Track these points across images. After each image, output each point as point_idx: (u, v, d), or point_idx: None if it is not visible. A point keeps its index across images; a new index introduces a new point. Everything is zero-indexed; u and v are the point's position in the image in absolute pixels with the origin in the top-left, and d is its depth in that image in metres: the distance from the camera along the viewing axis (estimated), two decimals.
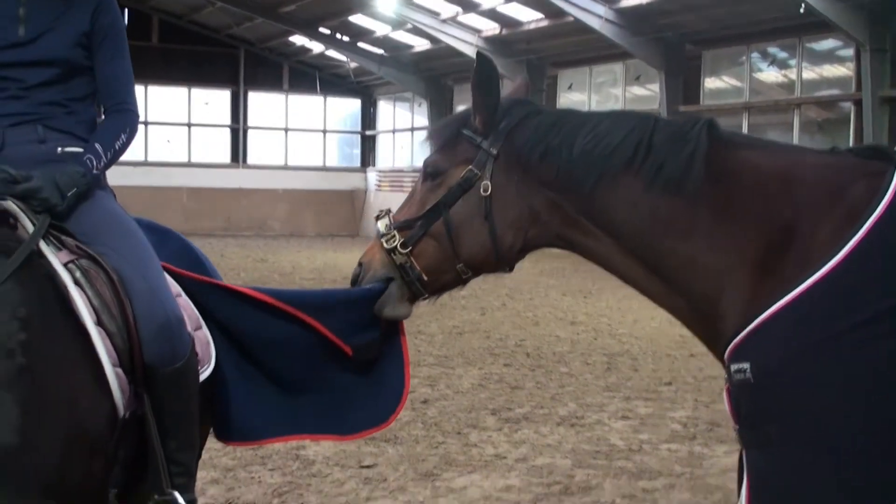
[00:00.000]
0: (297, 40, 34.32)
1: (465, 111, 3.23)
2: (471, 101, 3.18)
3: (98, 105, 3.55)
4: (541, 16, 25.56)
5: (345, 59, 34.08)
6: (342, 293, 3.48)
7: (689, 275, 2.89)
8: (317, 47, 34.40)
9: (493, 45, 27.54)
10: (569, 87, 27.92)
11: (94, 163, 3.31)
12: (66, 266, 3.00)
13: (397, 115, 37.47)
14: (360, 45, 32.74)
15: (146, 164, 32.43)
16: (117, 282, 3.08)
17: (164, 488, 3.15)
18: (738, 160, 2.89)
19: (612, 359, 10.99)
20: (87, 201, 3.27)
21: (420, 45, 31.00)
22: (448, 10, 27.15)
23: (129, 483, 3.12)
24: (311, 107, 37.35)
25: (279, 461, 6.74)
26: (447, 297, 3.41)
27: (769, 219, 2.80)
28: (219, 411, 3.51)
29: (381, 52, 32.83)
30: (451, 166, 3.17)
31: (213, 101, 35.87)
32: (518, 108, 3.17)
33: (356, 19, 30.49)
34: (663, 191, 2.88)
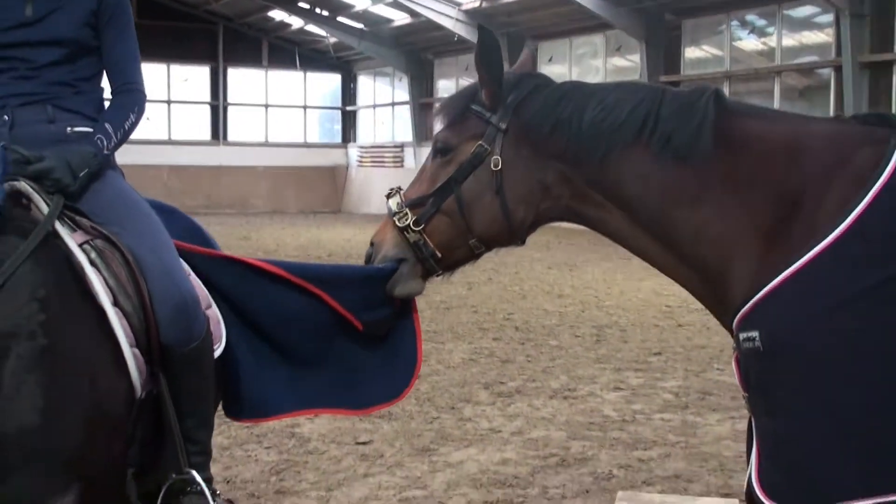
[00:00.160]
0: (277, 15, 34.10)
1: (473, 85, 3.21)
2: (476, 76, 3.16)
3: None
4: None
5: (324, 34, 33.91)
6: (355, 269, 3.47)
7: (698, 244, 2.90)
8: (296, 22, 34.19)
9: (474, 17, 27.43)
10: (549, 60, 27.84)
11: (105, 143, 3.29)
12: (81, 247, 3.00)
13: (378, 90, 37.33)
14: (340, 19, 32.57)
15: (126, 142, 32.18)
16: (132, 262, 3.07)
17: (181, 467, 3.15)
18: (745, 129, 2.89)
19: (601, 331, 11.03)
20: (98, 181, 3.26)
21: (400, 18, 30.85)
22: None
23: (146, 463, 3.12)
24: (291, 83, 37.17)
25: (275, 439, 6.75)
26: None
27: (777, 187, 2.82)
28: (230, 389, 3.51)
29: (360, 26, 32.66)
30: (461, 142, 3.16)
31: (193, 78, 35.66)
32: (526, 82, 3.16)
33: None
34: (672, 161, 2.88)
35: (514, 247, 3.27)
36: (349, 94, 38.46)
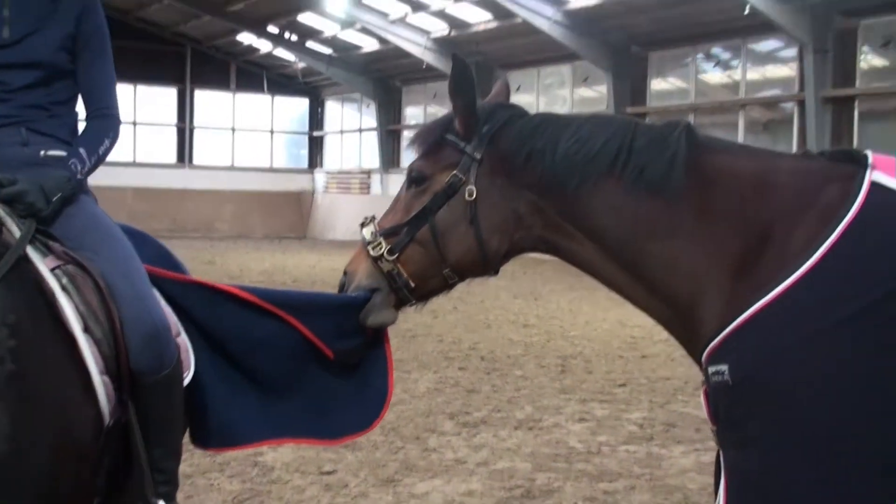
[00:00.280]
0: (245, 39, 34.09)
1: (447, 115, 3.21)
2: (450, 106, 3.17)
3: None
4: (490, 17, 25.66)
5: (293, 58, 33.93)
6: (327, 297, 3.45)
7: (669, 277, 2.91)
8: (265, 46, 34.20)
9: (442, 46, 27.60)
10: (517, 89, 27.97)
11: (79, 167, 3.26)
12: (53, 272, 2.96)
13: (345, 116, 37.38)
14: (309, 44, 32.62)
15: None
16: (104, 288, 3.04)
17: (148, 497, 3.11)
18: (716, 164, 2.92)
19: (566, 361, 11.04)
20: (71, 206, 3.22)
21: (369, 45, 30.95)
22: (397, 10, 27.15)
23: (112, 491, 3.07)
24: (259, 107, 37.15)
25: (238, 468, 6.67)
26: None
27: (747, 222, 2.84)
28: (197, 416, 3.46)
29: (329, 52, 32.73)
30: (436, 172, 3.16)
31: (159, 100, 35.54)
32: (501, 112, 3.17)
33: (305, 18, 30.39)
34: (645, 194, 2.90)
35: (488, 277, 3.27)
36: (316, 119, 38.47)
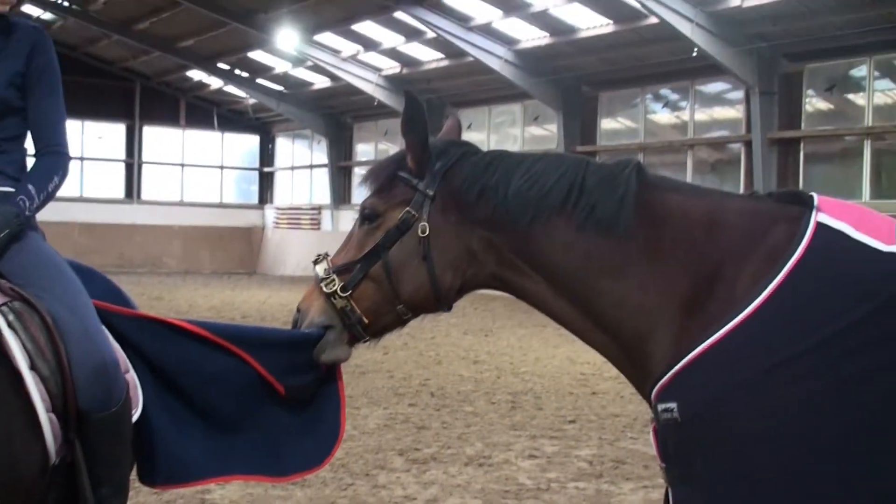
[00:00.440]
0: (195, 75, 33.99)
1: (400, 152, 3.22)
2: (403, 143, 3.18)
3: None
4: (441, 56, 25.85)
5: (243, 95, 33.87)
6: (279, 333, 3.43)
7: (619, 315, 2.93)
8: (215, 82, 34.11)
9: (394, 83, 27.72)
10: (468, 127, 28.14)
11: (27, 204, 3.23)
12: None
13: (296, 152, 37.34)
14: (260, 81, 32.60)
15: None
16: (51, 325, 3.00)
17: None
18: (666, 203, 2.95)
19: (516, 397, 11.04)
20: (19, 242, 3.19)
21: (320, 82, 30.99)
22: (349, 48, 27.25)
23: None
24: (209, 142, 36.99)
25: None
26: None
27: (695, 260, 2.87)
28: (145, 453, 3.40)
29: (280, 88, 32.73)
30: (389, 208, 3.16)
31: (108, 135, 35.26)
32: (453, 149, 3.18)
33: (255, 55, 30.37)
34: (595, 232, 2.92)
35: (441, 313, 3.27)
36: (267, 155, 38.38)
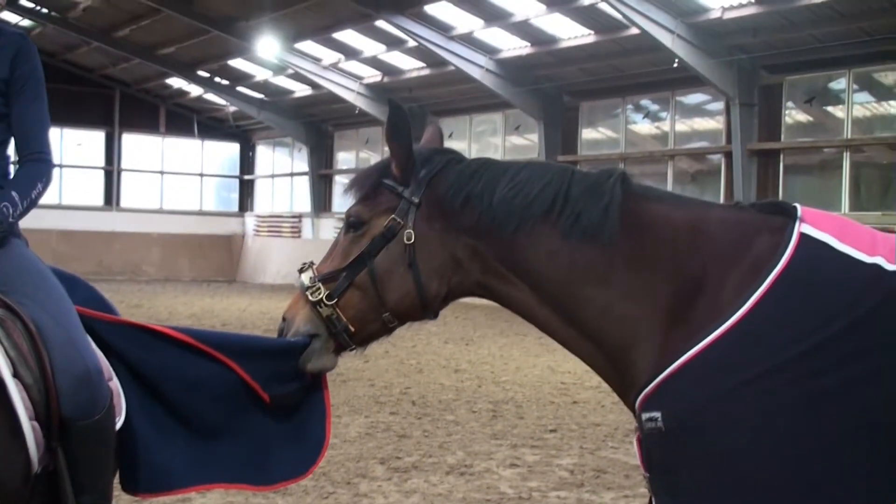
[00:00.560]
0: (175, 82, 33.88)
1: (385, 160, 3.23)
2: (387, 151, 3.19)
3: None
4: (422, 64, 25.87)
5: (224, 102, 33.79)
6: (265, 341, 3.42)
7: (603, 323, 2.94)
8: (195, 90, 34.01)
9: (375, 92, 27.73)
10: (449, 136, 28.17)
11: (10, 211, 3.22)
12: None
13: (276, 160, 37.27)
14: (240, 89, 32.53)
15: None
16: (35, 332, 2.98)
17: None
18: (650, 212, 2.97)
19: (497, 406, 11.04)
20: (2, 249, 3.19)
21: (301, 90, 30.96)
22: (330, 56, 27.24)
23: None
24: (189, 150, 36.87)
25: None
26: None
27: (679, 270, 2.89)
28: (127, 460, 3.38)
29: (261, 96, 32.67)
30: (374, 216, 3.17)
31: (87, 142, 35.08)
32: (438, 157, 3.19)
33: (236, 63, 30.30)
34: (580, 240, 2.94)
35: (427, 321, 3.28)
36: (247, 162, 38.29)
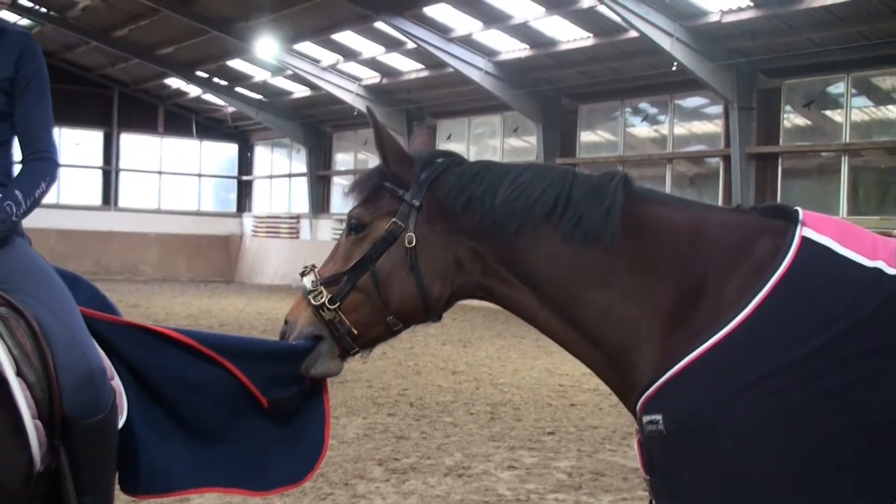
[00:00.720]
0: (174, 83, 33.88)
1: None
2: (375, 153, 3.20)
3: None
4: (421, 66, 25.87)
5: (222, 103, 33.78)
6: (266, 344, 3.42)
7: (604, 325, 2.95)
8: (193, 90, 34.00)
9: (374, 93, 27.73)
10: (448, 137, 28.22)
11: (14, 209, 3.22)
12: None
13: (275, 161, 37.27)
14: (238, 89, 32.52)
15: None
16: (38, 331, 2.98)
17: None
18: (651, 215, 2.97)
19: (495, 408, 11.04)
20: (5, 248, 3.18)
21: (299, 91, 30.96)
22: (328, 57, 27.24)
23: None
24: (187, 150, 36.86)
25: None
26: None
27: (681, 273, 2.89)
28: (127, 461, 3.38)
29: (259, 97, 32.66)
30: (375, 219, 3.17)
31: (85, 142, 35.06)
32: (439, 159, 3.20)
33: (235, 64, 30.30)
34: (581, 243, 2.94)
35: (431, 323, 3.28)
36: (246, 163, 38.29)
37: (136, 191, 36.05)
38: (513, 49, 23.01)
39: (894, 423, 2.56)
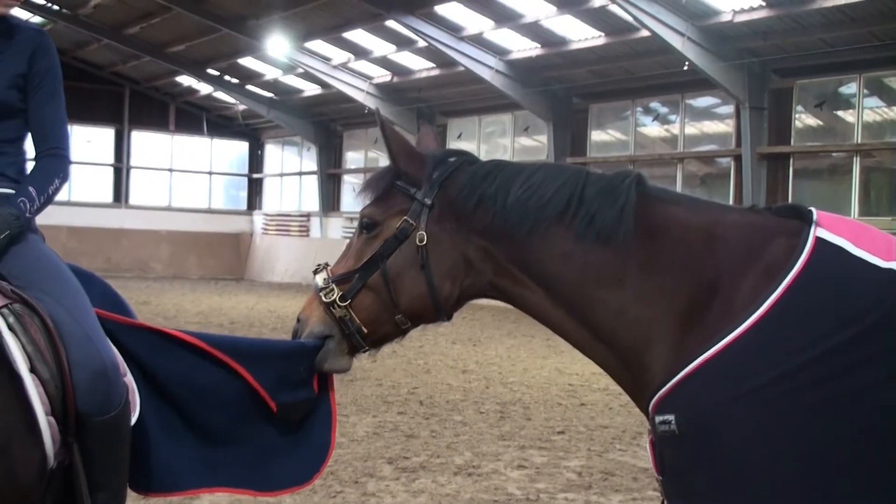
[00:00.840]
0: (185, 80, 33.91)
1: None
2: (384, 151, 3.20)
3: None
4: (432, 65, 25.86)
5: (233, 101, 33.82)
6: (274, 344, 3.42)
7: (617, 325, 2.94)
8: (205, 88, 34.05)
9: (384, 92, 27.74)
10: (458, 136, 28.21)
11: (28, 206, 3.23)
12: None
13: (285, 159, 37.30)
14: (249, 87, 32.56)
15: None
16: (52, 328, 2.98)
17: None
18: (665, 215, 2.96)
19: (505, 407, 11.03)
20: (19, 244, 3.18)
21: (310, 89, 30.97)
22: (339, 56, 27.24)
23: None
24: (198, 148, 36.92)
25: None
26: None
27: (694, 273, 2.88)
28: (139, 460, 3.39)
29: (270, 95, 32.69)
30: (387, 218, 3.18)
31: (96, 140, 35.13)
32: (451, 158, 3.19)
33: (245, 62, 30.33)
34: (594, 243, 2.93)
35: (442, 323, 3.28)
36: (256, 161, 38.33)
37: (146, 188, 36.12)
38: (524, 48, 22.99)
39: None
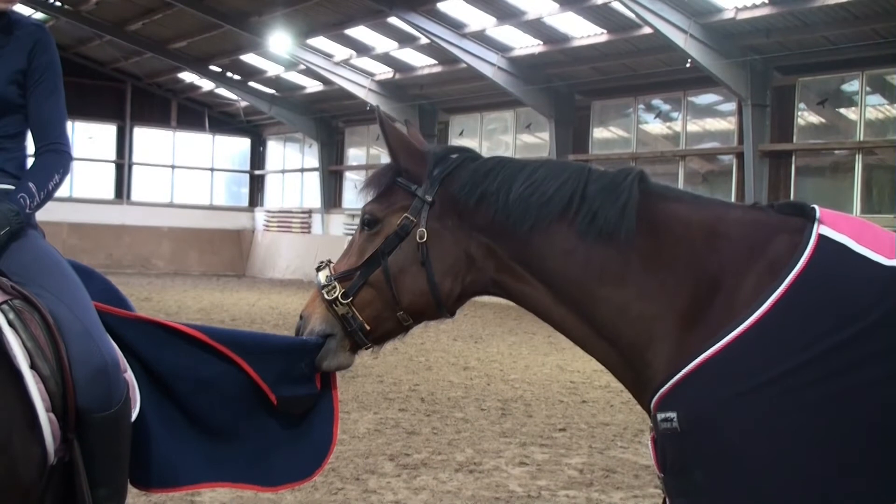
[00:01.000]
0: (187, 77, 33.92)
1: None
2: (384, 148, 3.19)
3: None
4: (434, 62, 25.85)
5: (235, 97, 33.82)
6: (277, 339, 3.41)
7: (619, 322, 2.93)
8: (207, 85, 34.05)
9: (386, 88, 27.73)
10: (460, 133, 28.20)
11: (28, 202, 3.22)
12: None
13: (287, 156, 37.30)
14: (251, 84, 32.55)
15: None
16: (52, 324, 2.98)
17: None
18: (667, 212, 2.95)
19: (506, 404, 11.03)
20: (19, 240, 3.17)
21: (312, 86, 30.97)
22: (342, 52, 27.23)
23: None
24: (200, 144, 36.93)
25: None
26: None
27: (696, 270, 2.87)
28: (139, 456, 3.38)
29: (272, 91, 32.69)
30: (388, 214, 3.17)
31: (98, 136, 35.15)
32: (453, 155, 3.18)
33: (247, 58, 30.32)
34: (596, 240, 2.92)
35: (444, 319, 3.27)
36: (258, 158, 38.34)
37: (148, 185, 36.15)
38: (526, 45, 22.98)
39: None
